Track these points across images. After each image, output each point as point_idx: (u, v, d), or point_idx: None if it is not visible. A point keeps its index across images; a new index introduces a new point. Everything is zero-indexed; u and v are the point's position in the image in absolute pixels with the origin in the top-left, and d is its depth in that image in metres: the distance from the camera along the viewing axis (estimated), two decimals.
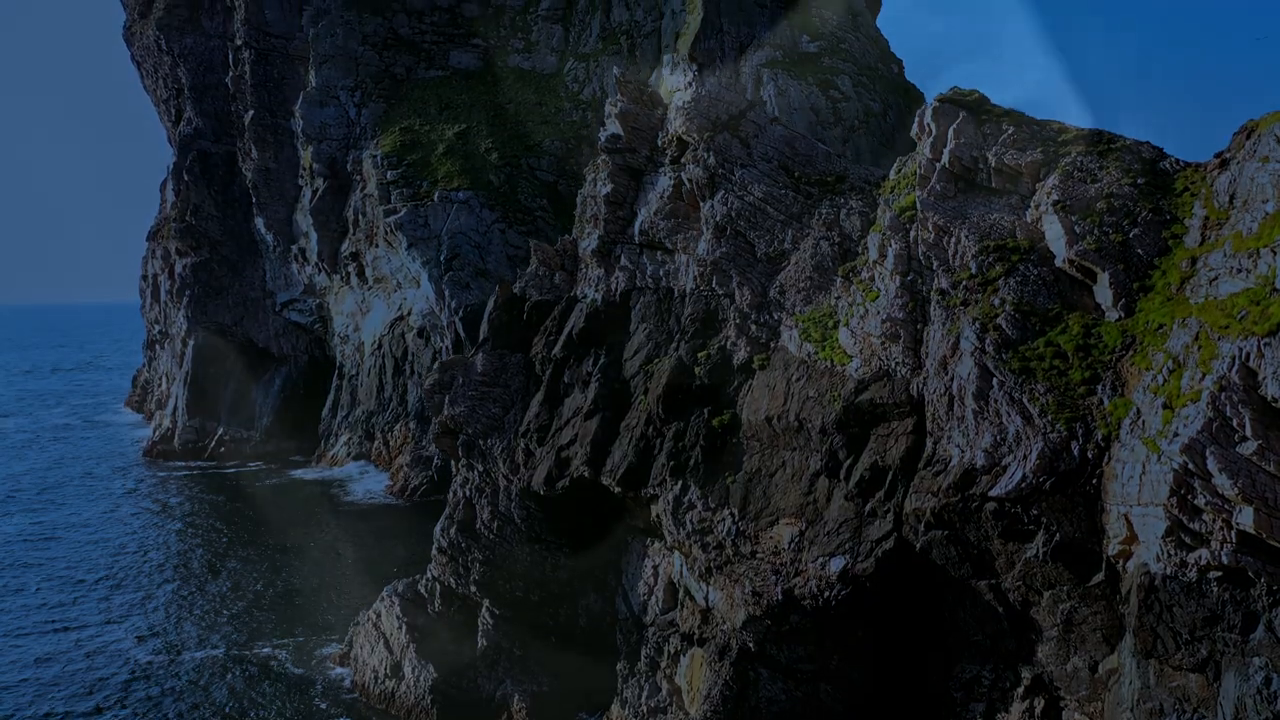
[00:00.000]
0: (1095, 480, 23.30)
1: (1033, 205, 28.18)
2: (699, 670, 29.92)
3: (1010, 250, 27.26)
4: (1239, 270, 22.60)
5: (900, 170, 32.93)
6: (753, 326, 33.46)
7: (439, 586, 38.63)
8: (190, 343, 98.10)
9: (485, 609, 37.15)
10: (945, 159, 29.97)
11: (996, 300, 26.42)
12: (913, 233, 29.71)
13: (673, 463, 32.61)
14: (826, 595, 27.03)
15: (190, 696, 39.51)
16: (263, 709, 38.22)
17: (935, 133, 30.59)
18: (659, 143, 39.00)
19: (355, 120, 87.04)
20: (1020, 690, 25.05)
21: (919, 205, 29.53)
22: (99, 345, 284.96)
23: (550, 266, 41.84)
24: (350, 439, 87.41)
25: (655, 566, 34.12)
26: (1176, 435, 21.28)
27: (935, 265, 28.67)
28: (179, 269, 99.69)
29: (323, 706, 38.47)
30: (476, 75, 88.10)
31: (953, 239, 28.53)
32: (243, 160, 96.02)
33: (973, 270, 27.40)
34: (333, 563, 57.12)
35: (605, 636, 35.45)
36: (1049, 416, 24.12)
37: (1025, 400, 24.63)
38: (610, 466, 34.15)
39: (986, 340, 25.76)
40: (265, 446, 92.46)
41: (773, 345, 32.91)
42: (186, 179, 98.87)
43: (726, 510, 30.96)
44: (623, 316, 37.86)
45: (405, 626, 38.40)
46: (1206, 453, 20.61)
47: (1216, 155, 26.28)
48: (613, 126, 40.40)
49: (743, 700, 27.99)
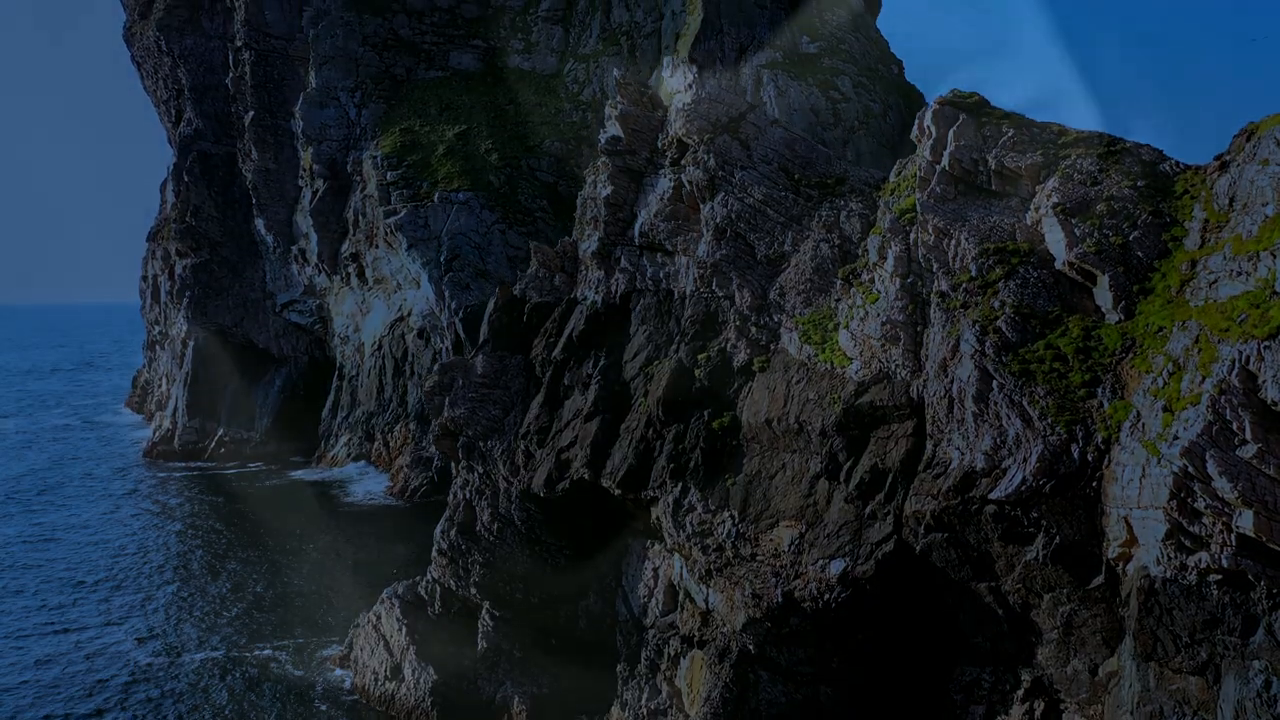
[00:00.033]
0: (1095, 483, 23.31)
1: (1033, 208, 28.19)
2: (699, 672, 29.93)
3: (1010, 253, 27.27)
4: (1239, 273, 22.61)
5: (900, 173, 32.94)
6: (753, 329, 33.47)
7: (439, 588, 38.64)
8: (190, 343, 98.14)
9: (485, 611, 37.16)
10: (945, 161, 29.98)
11: (996, 303, 26.43)
12: (913, 235, 29.71)
13: (673, 465, 32.61)
14: (826, 598, 27.04)
15: (190, 698, 39.53)
16: (263, 711, 38.22)
17: (935, 135, 30.60)
18: (659, 145, 39.00)
19: (355, 121, 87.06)
20: (1020, 693, 25.07)
21: (919, 208, 29.54)
22: (99, 345, 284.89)
23: (550, 268, 41.85)
24: (350, 440, 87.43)
25: (655, 569, 34.12)
26: (1176, 438, 21.30)
27: (935, 268, 28.69)
28: (179, 270, 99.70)
29: (323, 709, 38.49)
30: (477, 76, 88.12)
31: (953, 241, 28.54)
32: (243, 161, 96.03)
33: (973, 273, 27.42)
34: (333, 564, 57.12)
35: (605, 639, 35.44)
36: (1049, 419, 24.13)
37: (1025, 403, 24.64)
38: (610, 469, 34.16)
39: (986, 343, 25.77)
40: (265, 447, 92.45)
41: (773, 347, 32.92)
42: (186, 180, 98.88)
43: (726, 512, 30.97)
44: (623, 318, 37.85)
45: (405, 628, 38.41)
46: (1206, 456, 20.63)
47: (1216, 158, 26.28)
48: (613, 128, 40.41)
49: (743, 702, 28.00)
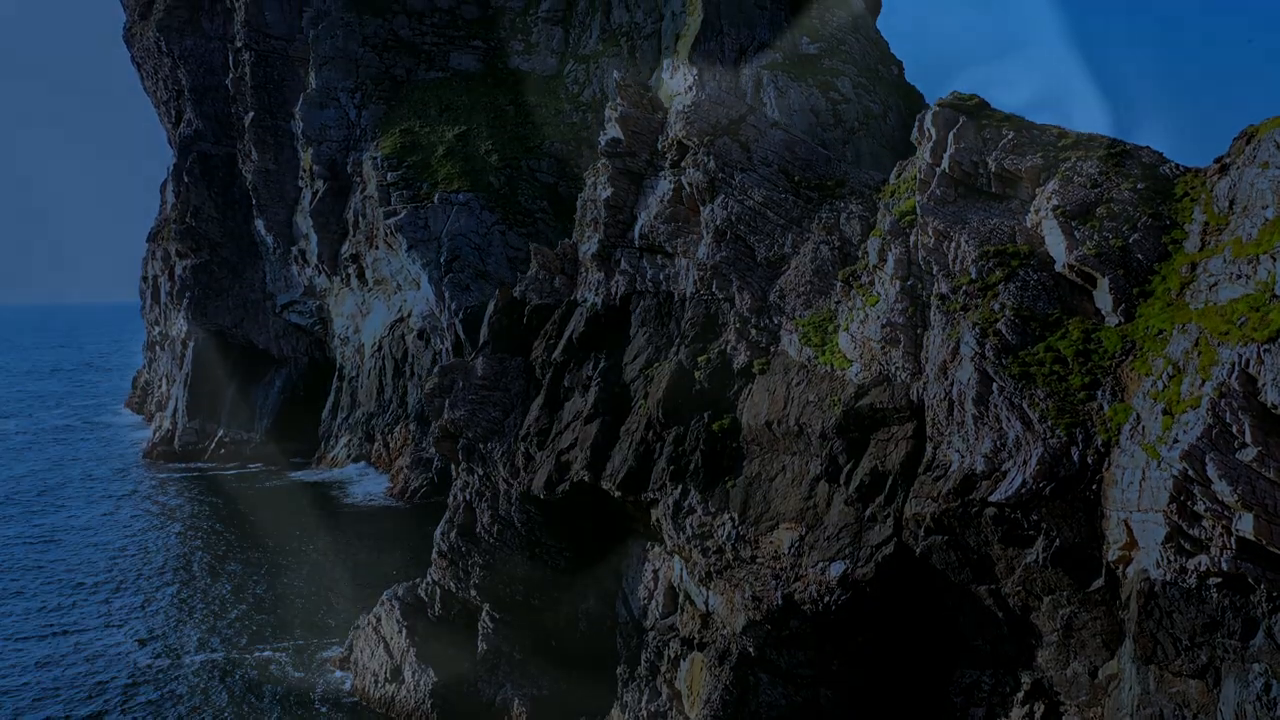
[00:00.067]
0: (1095, 486, 23.31)
1: (1033, 210, 28.20)
2: (699, 675, 29.93)
3: (1010, 255, 27.27)
4: (1239, 276, 22.60)
5: (900, 175, 32.94)
6: (753, 331, 33.47)
7: (439, 590, 38.64)
8: (190, 344, 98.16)
9: (485, 613, 37.16)
10: (945, 164, 29.97)
11: (996, 305, 26.43)
12: (913, 237, 29.71)
13: (673, 467, 32.61)
14: (826, 600, 27.04)
15: (190, 700, 39.54)
16: (263, 713, 38.22)
17: (935, 138, 30.60)
18: (659, 147, 39.00)
19: (355, 122, 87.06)
20: (1020, 695, 25.07)
21: (919, 210, 29.54)
22: (99, 346, 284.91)
23: (550, 270, 41.85)
24: (350, 441, 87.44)
25: (655, 571, 34.12)
26: (1176, 441, 21.30)
27: (935, 270, 28.69)
28: (179, 270, 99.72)
29: (323, 710, 38.50)
30: (477, 77, 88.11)
31: (953, 244, 28.54)
32: (243, 162, 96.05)
33: (973, 275, 27.42)
34: (333, 565, 57.12)
35: (605, 641, 35.44)
36: (1049, 422, 24.13)
37: (1025, 406, 24.64)
38: (610, 471, 34.16)
39: (986, 345, 25.77)
40: (265, 448, 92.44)
41: (773, 350, 32.91)
42: (187, 181, 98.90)
43: (726, 515, 30.96)
44: (623, 320, 37.85)
45: (405, 630, 38.41)
46: (1206, 459, 20.63)
47: (1216, 160, 26.27)
48: (613, 130, 40.41)
49: (743, 705, 28.00)
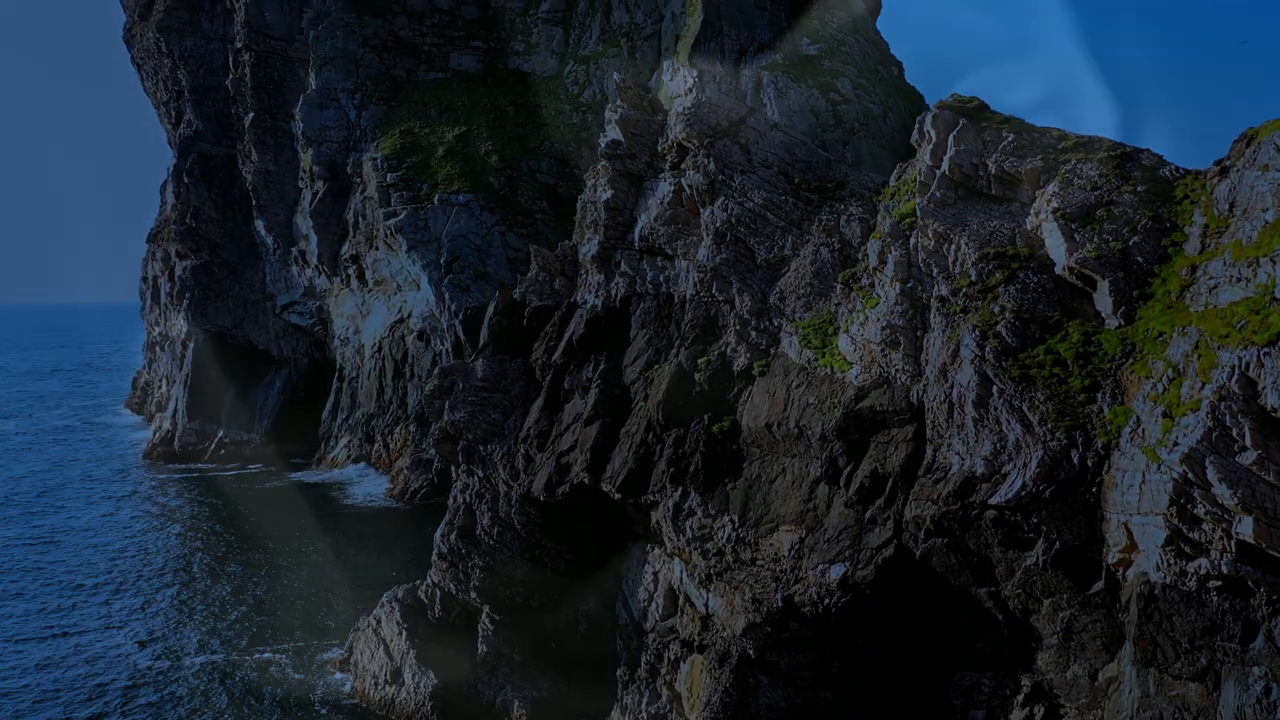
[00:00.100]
0: (1095, 489, 23.32)
1: (1033, 213, 28.20)
2: (699, 677, 29.93)
3: (1010, 258, 27.28)
4: (1239, 279, 22.61)
5: (900, 177, 32.95)
6: (753, 333, 33.47)
7: (439, 592, 38.64)
8: (190, 345, 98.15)
9: (485, 615, 37.16)
10: (945, 166, 29.99)
11: (996, 308, 26.43)
12: (913, 240, 29.72)
13: (673, 469, 32.62)
14: (826, 602, 27.04)
15: (190, 702, 39.52)
16: (262, 715, 38.21)
17: (935, 140, 30.62)
18: (659, 148, 39.00)
19: (355, 123, 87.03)
20: (1020, 698, 25.07)
21: (919, 212, 29.55)
22: (99, 346, 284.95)
23: (550, 272, 41.85)
24: (350, 442, 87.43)
25: (655, 573, 34.12)
26: (1176, 444, 21.30)
27: (935, 272, 28.70)
28: (179, 271, 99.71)
29: (323, 713, 38.48)
30: (477, 78, 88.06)
31: (953, 246, 28.55)
32: (243, 163, 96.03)
33: (973, 277, 27.42)
34: (333, 566, 57.10)
35: (605, 643, 35.44)
36: (1049, 424, 24.13)
37: (1025, 408, 24.65)
38: (610, 473, 34.16)
39: (986, 348, 25.78)
40: (265, 449, 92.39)
41: (773, 352, 32.92)
42: (187, 181, 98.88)
43: (726, 517, 30.96)
44: (623, 322, 37.85)
45: (405, 632, 38.40)
46: (1206, 462, 20.63)
47: (1216, 163, 26.28)
48: (613, 132, 40.41)
49: (743, 707, 28.00)
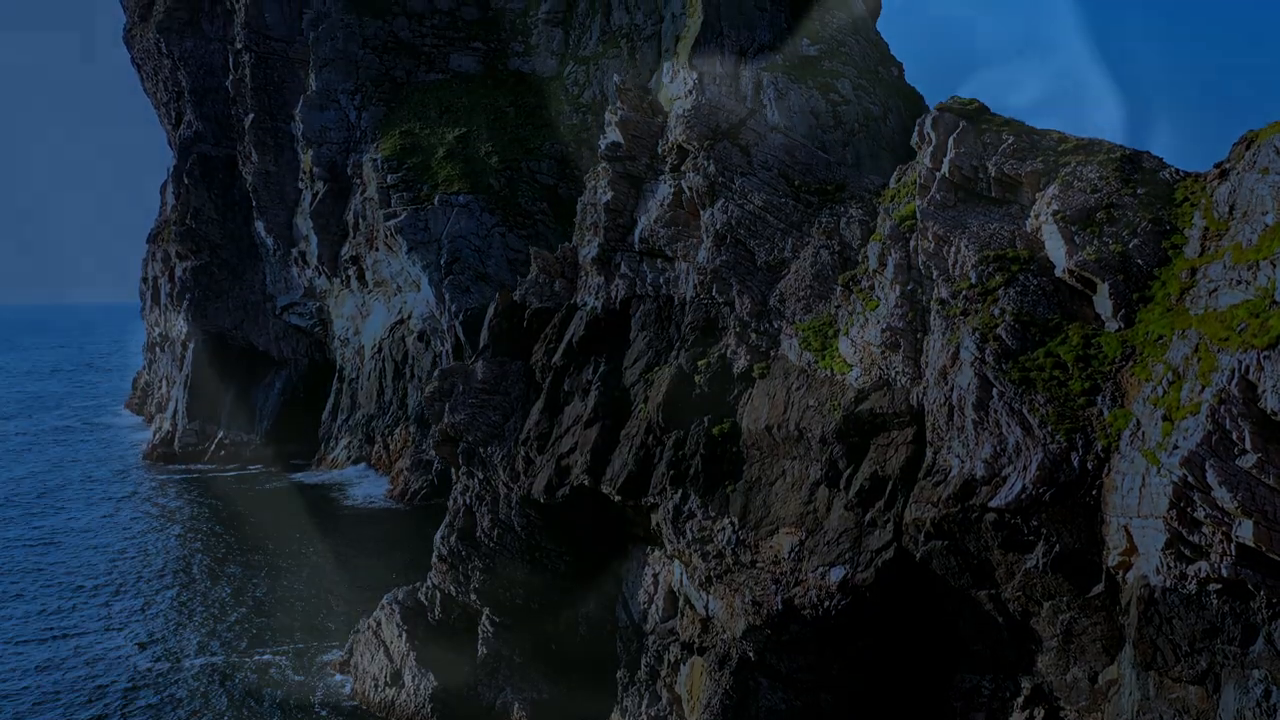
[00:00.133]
0: (1095, 491, 23.33)
1: (1032, 215, 28.21)
2: (699, 679, 29.94)
3: (1010, 260, 27.28)
4: (1238, 282, 22.61)
5: (900, 179, 32.95)
6: (753, 335, 33.48)
7: (439, 594, 38.64)
8: (190, 346, 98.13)
9: (485, 617, 37.16)
10: (945, 168, 29.99)
11: (996, 310, 26.43)
12: (913, 242, 29.72)
13: (673, 471, 32.61)
14: (826, 605, 27.04)
15: (190, 704, 39.52)
16: (262, 717, 38.22)
17: (935, 142, 30.62)
18: (659, 150, 39.00)
19: (355, 124, 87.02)
20: (1020, 700, 25.08)
21: (919, 214, 29.55)
22: (99, 346, 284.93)
23: (550, 274, 41.85)
24: (350, 443, 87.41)
25: (655, 575, 34.12)
26: (1176, 447, 21.30)
27: (935, 275, 28.70)
28: (179, 272, 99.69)
29: (323, 714, 38.48)
30: (477, 79, 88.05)
31: (953, 248, 28.55)
32: (243, 164, 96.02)
33: (973, 280, 27.43)
34: (333, 568, 57.09)
35: (605, 645, 35.43)
36: (1049, 427, 24.14)
37: (1025, 411, 24.65)
38: (610, 475, 34.16)
39: (986, 350, 25.78)
40: (265, 450, 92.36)
41: (773, 354, 32.92)
42: (187, 182, 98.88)
43: (726, 519, 30.96)
44: (623, 324, 37.85)
45: (405, 634, 38.40)
46: (1206, 465, 20.63)
47: (1216, 166, 26.29)
48: (613, 134, 40.41)
49: (743, 709, 28.01)
